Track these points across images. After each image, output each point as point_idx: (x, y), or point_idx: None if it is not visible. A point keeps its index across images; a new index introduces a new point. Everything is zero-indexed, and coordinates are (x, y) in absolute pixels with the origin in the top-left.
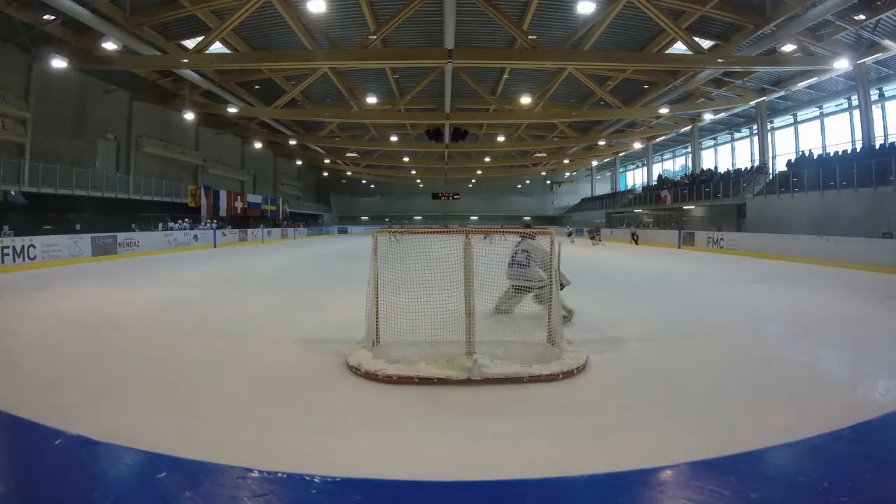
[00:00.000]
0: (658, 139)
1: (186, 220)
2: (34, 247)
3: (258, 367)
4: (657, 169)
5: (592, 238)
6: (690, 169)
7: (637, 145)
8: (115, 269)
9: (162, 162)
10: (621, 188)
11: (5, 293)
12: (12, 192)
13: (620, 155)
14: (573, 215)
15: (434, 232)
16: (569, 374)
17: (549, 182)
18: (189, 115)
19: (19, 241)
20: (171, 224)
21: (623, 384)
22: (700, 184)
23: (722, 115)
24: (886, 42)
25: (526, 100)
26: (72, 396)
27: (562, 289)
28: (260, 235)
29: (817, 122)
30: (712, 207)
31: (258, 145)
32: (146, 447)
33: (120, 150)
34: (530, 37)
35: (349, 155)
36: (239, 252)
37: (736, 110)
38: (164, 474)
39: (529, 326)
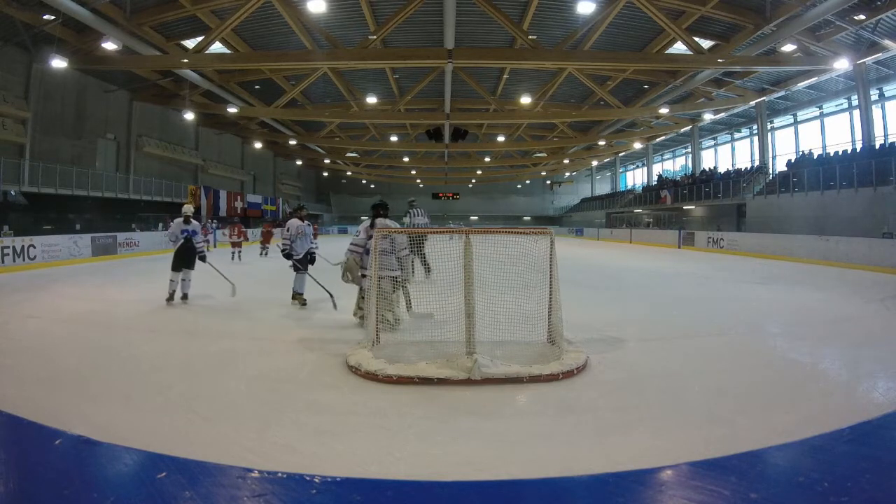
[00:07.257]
0: (658, 139)
1: None
2: (34, 247)
3: (258, 367)
4: (657, 169)
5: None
6: (690, 169)
7: (637, 145)
8: (115, 269)
9: (162, 162)
10: (621, 188)
11: (5, 293)
12: (12, 192)
13: (620, 155)
14: (573, 215)
15: (434, 232)
16: (569, 374)
17: (549, 182)
18: (189, 115)
19: (19, 241)
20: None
21: (623, 384)
22: (700, 184)
23: (722, 115)
24: (886, 42)
25: (526, 100)
26: (72, 396)
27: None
28: (260, 235)
29: (817, 122)
30: (712, 207)
31: (258, 145)
32: (146, 447)
33: (120, 150)
34: (530, 37)
35: (349, 155)
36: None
37: (736, 110)
38: (164, 474)
39: (529, 326)
